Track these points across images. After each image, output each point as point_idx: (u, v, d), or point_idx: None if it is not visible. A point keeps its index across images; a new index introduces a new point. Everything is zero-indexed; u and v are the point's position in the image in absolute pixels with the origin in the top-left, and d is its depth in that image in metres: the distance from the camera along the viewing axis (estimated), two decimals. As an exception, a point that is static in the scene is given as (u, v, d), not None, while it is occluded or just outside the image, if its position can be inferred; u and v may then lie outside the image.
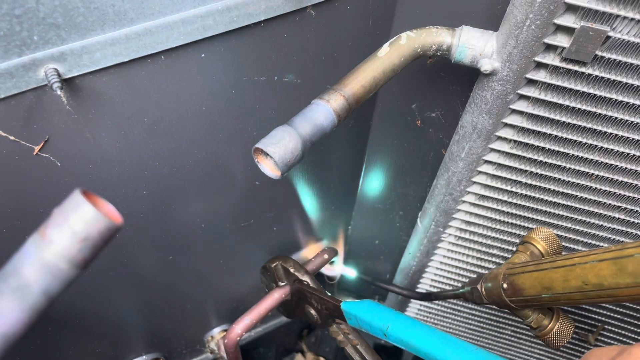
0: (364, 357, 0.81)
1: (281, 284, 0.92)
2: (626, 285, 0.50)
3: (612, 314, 0.84)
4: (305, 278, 0.88)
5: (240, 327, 0.93)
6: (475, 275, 0.89)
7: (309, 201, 0.91)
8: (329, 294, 0.79)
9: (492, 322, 1.01)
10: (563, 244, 0.75)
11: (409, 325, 0.63)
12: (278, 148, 0.49)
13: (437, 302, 1.02)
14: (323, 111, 0.52)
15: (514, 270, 0.63)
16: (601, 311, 0.84)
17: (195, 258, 0.85)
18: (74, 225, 0.30)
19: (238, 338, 0.95)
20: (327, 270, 1.06)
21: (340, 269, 1.07)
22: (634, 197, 0.67)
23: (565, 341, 0.65)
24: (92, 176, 0.60)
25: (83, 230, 0.30)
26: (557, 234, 0.75)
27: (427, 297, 0.91)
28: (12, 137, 0.51)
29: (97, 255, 0.31)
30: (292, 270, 0.88)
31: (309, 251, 1.04)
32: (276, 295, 0.92)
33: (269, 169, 0.51)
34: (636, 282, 0.49)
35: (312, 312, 0.84)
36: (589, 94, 0.57)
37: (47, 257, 0.30)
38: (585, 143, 0.62)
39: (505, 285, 0.64)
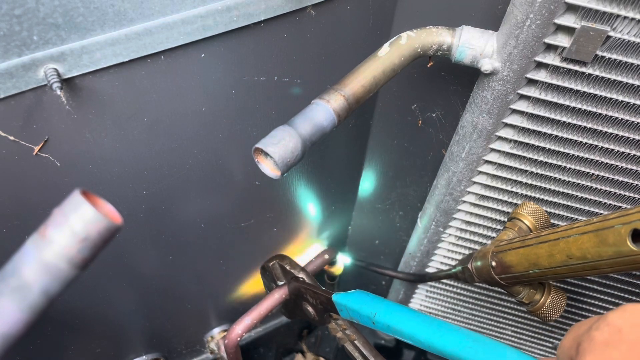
0: (363, 353, 0.81)
1: (280, 283, 0.92)
2: (608, 256, 0.50)
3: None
4: (301, 275, 0.88)
5: (241, 328, 0.93)
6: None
7: (309, 201, 0.91)
8: (323, 288, 0.80)
9: (493, 322, 1.01)
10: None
11: (395, 311, 0.64)
12: (278, 148, 0.49)
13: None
14: (323, 111, 0.52)
15: (501, 247, 0.63)
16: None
17: (195, 258, 0.85)
18: (74, 225, 0.29)
19: (238, 338, 0.95)
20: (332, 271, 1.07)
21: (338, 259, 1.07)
22: (633, 197, 0.67)
23: (558, 314, 0.65)
24: (91, 176, 0.60)
25: (83, 230, 0.30)
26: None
27: (421, 278, 0.91)
28: (12, 137, 0.51)
29: (96, 255, 0.31)
30: (288, 267, 0.89)
31: (309, 251, 1.04)
32: (276, 296, 0.92)
33: (269, 168, 0.51)
34: (618, 252, 0.49)
35: (309, 308, 0.84)
36: (589, 94, 0.57)
37: (47, 257, 0.29)
38: (586, 143, 0.62)
39: (494, 263, 0.64)
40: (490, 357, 0.53)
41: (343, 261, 1.07)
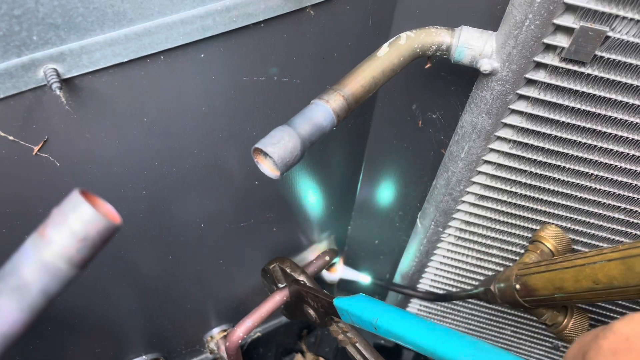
0: (364, 356, 0.81)
1: (280, 285, 0.92)
2: (635, 283, 0.51)
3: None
4: (302, 277, 0.88)
5: (242, 330, 0.94)
6: (477, 276, 0.89)
7: (309, 201, 0.91)
8: (324, 292, 0.80)
9: (492, 322, 1.01)
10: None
11: (397, 316, 0.64)
12: (277, 148, 0.49)
13: (437, 302, 1.01)
14: (322, 111, 0.52)
15: (526, 271, 0.64)
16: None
17: (194, 258, 0.85)
18: (73, 225, 0.30)
19: (240, 341, 0.95)
20: (329, 274, 1.06)
21: (352, 274, 1.07)
22: (633, 197, 0.67)
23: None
24: (91, 176, 0.60)
25: (82, 230, 0.30)
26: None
27: (443, 298, 0.91)
28: (11, 137, 0.51)
29: (95, 255, 0.31)
30: (288, 270, 0.89)
31: (309, 252, 1.04)
32: (277, 298, 0.92)
33: (268, 168, 0.51)
34: None
35: (311, 311, 0.84)
36: (588, 94, 0.57)
37: (46, 257, 0.30)
38: (585, 143, 0.62)
39: (518, 286, 0.64)
40: None
41: (362, 280, 1.07)
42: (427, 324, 0.61)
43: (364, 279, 1.07)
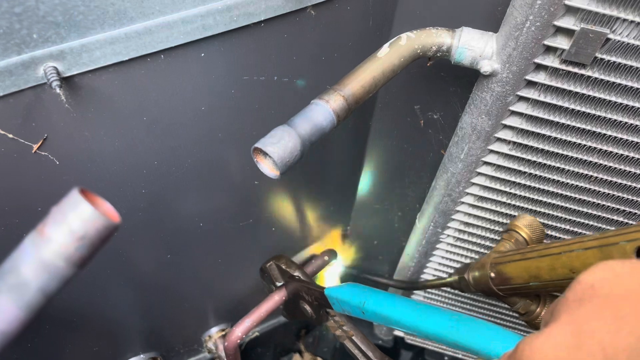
0: (361, 349, 0.81)
1: (278, 284, 0.92)
2: None
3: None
4: (297, 273, 0.88)
5: (241, 330, 0.94)
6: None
7: (308, 201, 0.91)
8: (316, 284, 0.81)
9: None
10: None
11: (382, 298, 0.66)
12: (277, 148, 0.49)
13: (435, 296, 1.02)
14: (322, 111, 0.52)
15: (501, 259, 0.64)
16: None
17: (193, 257, 0.85)
18: (72, 223, 0.29)
19: (238, 341, 0.95)
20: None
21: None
22: (631, 199, 0.67)
23: None
24: (90, 175, 0.60)
25: (81, 228, 0.30)
26: (554, 235, 0.75)
27: (414, 286, 0.91)
28: (10, 135, 0.51)
29: (95, 254, 0.31)
30: (284, 267, 0.89)
31: (308, 252, 1.04)
32: (276, 298, 0.92)
33: (268, 168, 0.51)
34: None
35: (306, 307, 0.85)
36: (588, 95, 0.57)
37: (45, 255, 0.29)
38: (584, 145, 0.62)
39: (492, 275, 0.64)
40: (472, 335, 0.54)
41: (335, 268, 1.07)
42: (412, 303, 0.63)
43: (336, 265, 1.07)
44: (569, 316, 0.30)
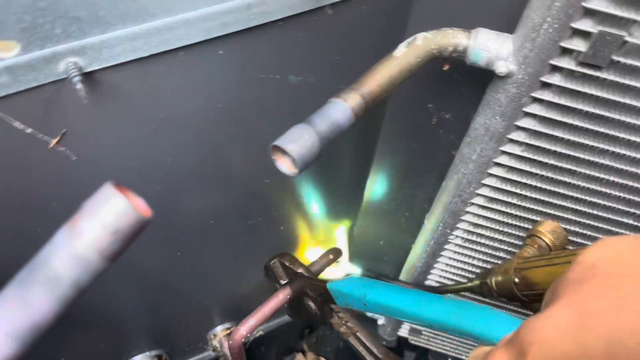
0: (366, 345, 0.81)
1: (282, 282, 0.93)
2: None
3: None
4: (300, 269, 0.88)
5: (245, 329, 0.94)
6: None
7: (317, 201, 0.91)
8: (319, 279, 0.81)
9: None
10: (573, 247, 0.76)
11: (383, 289, 0.67)
12: (297, 146, 0.49)
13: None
14: (340, 110, 0.52)
15: (526, 264, 0.64)
16: None
17: (202, 255, 0.85)
18: (105, 217, 0.30)
19: (243, 339, 0.95)
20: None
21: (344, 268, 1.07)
22: (643, 202, 0.67)
23: None
24: (107, 170, 0.60)
25: (114, 223, 0.30)
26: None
27: (436, 291, 0.91)
28: (29, 130, 0.51)
29: (126, 248, 0.31)
30: (287, 264, 0.89)
31: (314, 251, 1.04)
32: (280, 296, 0.92)
33: (286, 166, 0.51)
34: None
35: (310, 303, 0.85)
36: (603, 98, 0.57)
37: (78, 248, 0.30)
38: (597, 147, 0.63)
39: (517, 280, 0.64)
40: (473, 320, 0.55)
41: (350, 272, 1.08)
42: (413, 292, 0.65)
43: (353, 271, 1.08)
44: (570, 296, 0.29)
